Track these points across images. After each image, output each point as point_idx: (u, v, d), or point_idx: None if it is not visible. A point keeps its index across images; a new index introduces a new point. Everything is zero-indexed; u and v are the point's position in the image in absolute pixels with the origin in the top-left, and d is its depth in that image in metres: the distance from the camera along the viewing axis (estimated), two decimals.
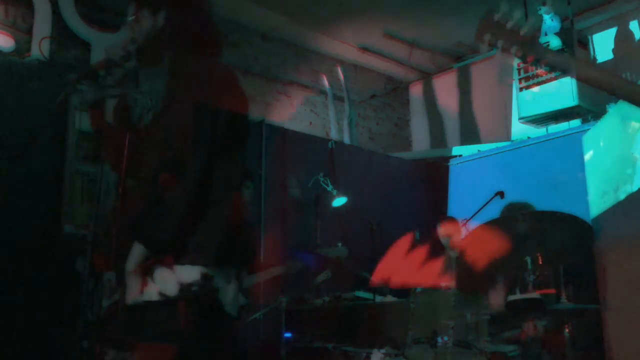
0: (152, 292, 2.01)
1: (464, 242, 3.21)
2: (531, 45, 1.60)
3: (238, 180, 2.07)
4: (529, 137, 6.54)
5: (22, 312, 3.92)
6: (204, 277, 1.93)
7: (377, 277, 3.95)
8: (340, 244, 4.70)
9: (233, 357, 2.11)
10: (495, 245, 2.86)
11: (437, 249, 5.40)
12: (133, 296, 2.00)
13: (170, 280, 1.96)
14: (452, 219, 5.35)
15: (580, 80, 1.69)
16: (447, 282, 3.26)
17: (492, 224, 3.16)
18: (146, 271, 2.24)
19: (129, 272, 2.03)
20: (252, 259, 3.72)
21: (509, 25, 1.60)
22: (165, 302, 1.96)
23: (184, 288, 1.93)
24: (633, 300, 4.24)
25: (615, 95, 1.67)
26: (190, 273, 1.93)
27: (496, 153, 6.72)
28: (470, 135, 7.67)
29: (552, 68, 1.65)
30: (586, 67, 1.71)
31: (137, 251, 2.08)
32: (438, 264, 3.87)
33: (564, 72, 1.66)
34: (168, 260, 1.93)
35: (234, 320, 2.06)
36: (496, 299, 3.41)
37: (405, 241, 3.76)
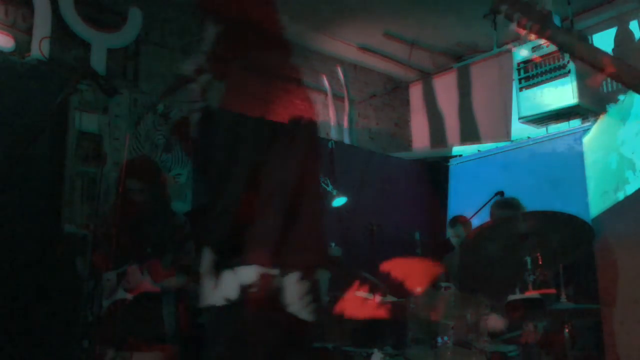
0: (218, 296, 1.95)
1: (464, 242, 3.21)
2: (545, 21, 1.60)
3: (295, 181, 2.03)
4: (529, 137, 6.54)
5: (22, 312, 3.93)
6: (263, 277, 1.88)
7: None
8: (333, 244, 4.69)
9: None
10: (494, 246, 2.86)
11: (442, 249, 5.40)
12: (208, 300, 1.95)
13: (232, 283, 1.91)
14: (464, 218, 5.31)
15: (585, 62, 1.68)
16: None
17: (492, 223, 3.17)
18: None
19: (203, 275, 1.98)
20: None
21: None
22: (229, 306, 1.91)
23: (244, 290, 1.88)
24: (633, 300, 4.24)
25: (620, 81, 1.67)
26: (248, 274, 1.89)
27: (496, 153, 6.73)
28: (470, 135, 7.67)
29: (561, 47, 1.66)
30: (593, 50, 1.71)
31: (208, 254, 2.02)
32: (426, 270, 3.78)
33: (572, 53, 1.66)
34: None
35: (304, 322, 1.96)
36: (496, 322, 3.39)
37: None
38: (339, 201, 5.34)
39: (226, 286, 1.92)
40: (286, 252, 1.92)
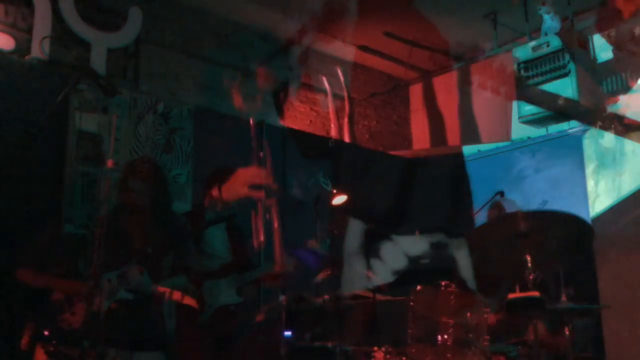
0: (385, 271, 1.98)
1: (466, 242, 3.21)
2: None
3: None
4: (529, 137, 6.54)
5: (22, 312, 3.92)
6: (436, 245, 1.85)
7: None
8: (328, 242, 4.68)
9: None
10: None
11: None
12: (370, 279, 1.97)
13: (395, 254, 1.91)
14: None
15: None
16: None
17: (492, 223, 3.17)
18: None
19: (350, 253, 2.02)
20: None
21: None
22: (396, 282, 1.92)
23: (413, 261, 1.86)
24: (633, 300, 4.24)
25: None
26: (416, 244, 1.86)
27: (496, 153, 6.73)
28: (470, 135, 7.67)
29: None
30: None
31: (356, 227, 2.09)
32: None
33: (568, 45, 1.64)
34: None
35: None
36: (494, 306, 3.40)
37: None
38: (339, 200, 5.34)
39: (391, 258, 1.92)
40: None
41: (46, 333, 3.33)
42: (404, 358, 3.02)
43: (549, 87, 6.08)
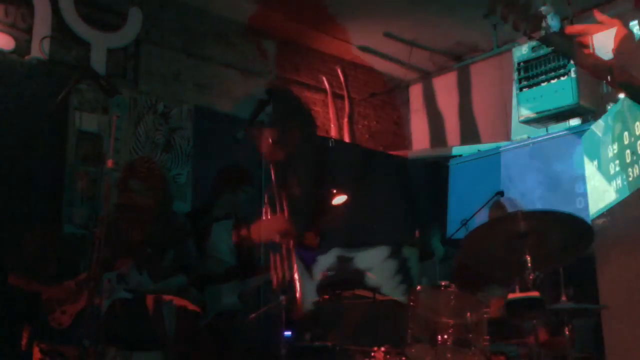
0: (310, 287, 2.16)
1: (464, 242, 3.21)
2: (539, 23, 1.62)
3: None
4: (529, 137, 6.54)
5: (22, 312, 3.92)
6: (341, 260, 2.05)
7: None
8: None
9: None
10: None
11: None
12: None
13: (316, 272, 2.13)
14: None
15: (581, 66, 1.70)
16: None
17: (492, 223, 3.17)
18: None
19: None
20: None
21: (521, 1, 1.61)
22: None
23: (323, 274, 2.10)
24: (633, 300, 4.24)
25: (614, 85, 1.68)
26: (325, 259, 2.09)
27: (496, 153, 6.73)
28: (470, 135, 7.67)
29: (557, 50, 1.67)
30: (587, 55, 1.72)
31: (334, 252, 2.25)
32: None
33: (567, 56, 1.67)
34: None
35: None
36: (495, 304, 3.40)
37: None
38: (339, 200, 5.34)
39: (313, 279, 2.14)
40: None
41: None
42: (404, 358, 3.02)
43: (549, 87, 6.08)
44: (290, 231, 2.31)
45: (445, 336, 2.93)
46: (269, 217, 2.25)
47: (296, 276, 2.23)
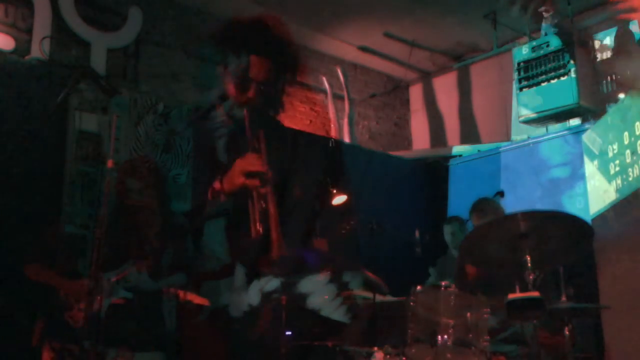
0: (243, 304, 2.13)
1: (464, 242, 3.21)
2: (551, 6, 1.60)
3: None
4: (529, 137, 6.55)
5: (22, 312, 3.93)
6: (285, 285, 2.03)
7: None
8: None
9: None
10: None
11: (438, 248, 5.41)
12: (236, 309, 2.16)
13: (254, 290, 2.08)
14: (458, 218, 5.36)
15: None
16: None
17: (492, 223, 3.16)
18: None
19: (236, 289, 2.19)
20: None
21: None
22: (251, 311, 2.08)
23: (266, 297, 2.04)
24: (633, 300, 4.24)
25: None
26: (272, 282, 2.05)
27: (496, 153, 6.73)
28: (470, 135, 7.67)
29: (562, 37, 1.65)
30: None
31: (241, 270, 2.26)
32: None
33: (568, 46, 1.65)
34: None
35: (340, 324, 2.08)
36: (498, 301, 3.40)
37: None
38: (339, 200, 5.34)
39: (250, 294, 2.09)
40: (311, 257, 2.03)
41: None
42: (404, 358, 3.02)
43: (548, 87, 6.08)
44: (263, 173, 2.08)
45: (445, 336, 2.92)
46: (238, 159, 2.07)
47: (273, 224, 2.06)
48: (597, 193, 5.01)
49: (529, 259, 2.69)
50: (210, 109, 2.35)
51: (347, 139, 7.35)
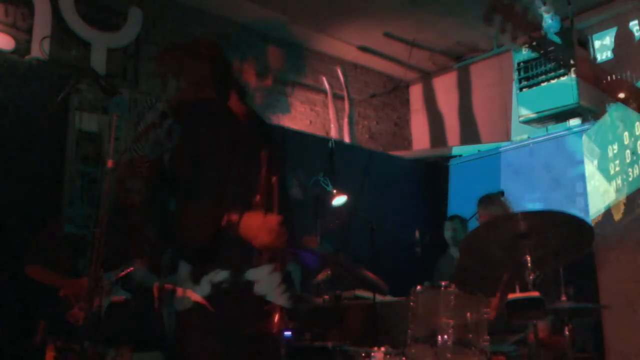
0: (188, 297, 2.23)
1: (464, 242, 3.21)
2: (537, 32, 1.59)
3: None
4: (529, 137, 6.55)
5: (22, 312, 3.93)
6: (233, 275, 2.17)
7: None
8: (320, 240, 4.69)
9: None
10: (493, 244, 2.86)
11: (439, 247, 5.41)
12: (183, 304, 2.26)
13: (204, 282, 2.20)
14: (459, 216, 5.36)
15: (580, 77, 1.68)
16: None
17: (492, 223, 3.16)
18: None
19: (180, 284, 2.30)
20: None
21: (518, 9, 1.59)
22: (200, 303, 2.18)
23: (216, 286, 2.16)
24: (633, 300, 4.24)
25: (613, 95, 1.67)
26: (220, 273, 2.18)
27: (496, 153, 6.73)
28: (470, 135, 7.67)
29: (553, 60, 1.65)
30: (586, 64, 1.71)
31: (185, 266, 2.32)
32: None
33: (564, 67, 1.65)
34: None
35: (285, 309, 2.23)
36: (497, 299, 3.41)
37: None
38: (339, 200, 5.35)
39: (201, 286, 2.19)
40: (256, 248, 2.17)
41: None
42: (404, 358, 3.02)
43: (549, 87, 6.09)
44: (281, 238, 2.18)
45: (445, 336, 2.92)
46: (259, 216, 2.13)
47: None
48: (597, 193, 5.01)
49: (529, 259, 2.69)
50: (153, 127, 2.57)
51: (347, 139, 7.35)
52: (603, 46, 6.33)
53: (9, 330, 3.89)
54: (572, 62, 1.65)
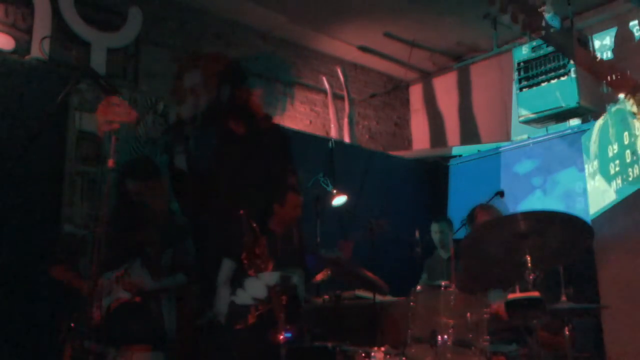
0: (245, 297, 2.36)
1: (464, 242, 3.21)
2: (538, 18, 1.60)
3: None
4: (529, 137, 6.55)
5: (22, 312, 3.93)
6: (283, 277, 2.31)
7: None
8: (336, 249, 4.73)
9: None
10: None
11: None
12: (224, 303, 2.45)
13: (259, 285, 2.31)
14: (446, 218, 5.37)
15: (581, 66, 1.69)
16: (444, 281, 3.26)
17: (492, 223, 3.16)
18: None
19: (220, 284, 2.45)
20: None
21: None
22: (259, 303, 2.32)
23: (270, 289, 2.30)
24: (633, 300, 4.24)
25: (611, 87, 1.68)
26: (272, 277, 2.31)
27: (496, 153, 6.73)
28: (470, 135, 7.67)
29: (557, 48, 1.66)
30: (585, 52, 1.71)
31: (227, 265, 2.49)
32: None
33: (564, 52, 1.66)
34: None
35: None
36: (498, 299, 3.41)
37: None
38: (339, 200, 5.35)
39: (254, 289, 2.32)
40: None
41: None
42: (404, 358, 3.01)
43: (549, 87, 6.09)
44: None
45: (445, 336, 2.92)
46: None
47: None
48: (597, 193, 5.01)
49: (529, 259, 2.70)
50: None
51: (347, 139, 7.34)
52: (603, 46, 6.33)
53: (27, 329, 3.90)
54: (569, 48, 1.66)
